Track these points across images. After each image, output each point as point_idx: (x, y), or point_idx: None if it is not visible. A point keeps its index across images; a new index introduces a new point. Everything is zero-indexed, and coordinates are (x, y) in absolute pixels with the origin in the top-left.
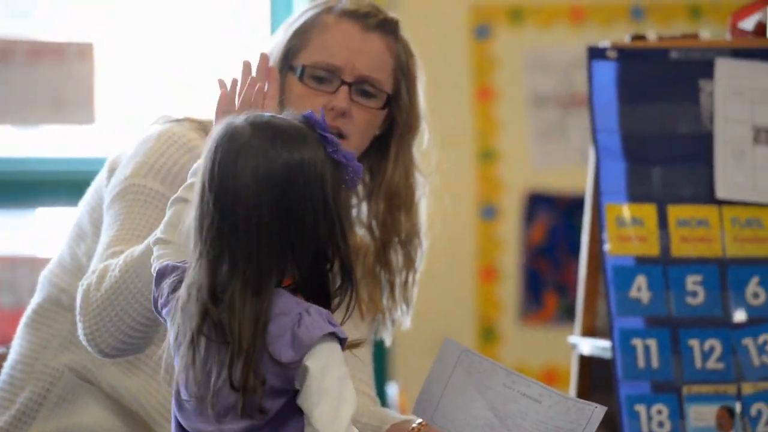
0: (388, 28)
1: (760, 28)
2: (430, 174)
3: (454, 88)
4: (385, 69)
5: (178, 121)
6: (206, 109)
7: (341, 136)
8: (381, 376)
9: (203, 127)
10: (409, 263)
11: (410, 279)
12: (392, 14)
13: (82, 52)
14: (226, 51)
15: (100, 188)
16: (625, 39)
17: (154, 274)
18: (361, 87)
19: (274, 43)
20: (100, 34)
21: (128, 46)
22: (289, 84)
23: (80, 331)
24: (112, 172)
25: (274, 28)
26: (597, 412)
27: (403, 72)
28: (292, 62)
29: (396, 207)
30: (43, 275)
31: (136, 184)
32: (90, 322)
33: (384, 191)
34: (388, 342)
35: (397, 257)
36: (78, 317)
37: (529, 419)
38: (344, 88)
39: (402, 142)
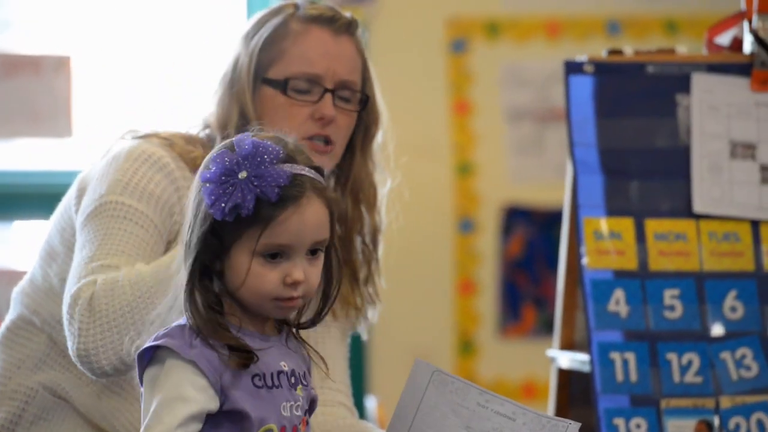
0: (351, 29)
1: (736, 43)
2: (386, 165)
3: (431, 102)
4: (357, 70)
5: (145, 137)
6: (177, 123)
7: (329, 142)
8: (359, 389)
9: (170, 144)
10: (374, 259)
11: (376, 276)
12: (348, 14)
13: (60, 65)
14: (202, 65)
15: (70, 207)
16: (602, 53)
17: None
18: (341, 92)
19: (234, 57)
20: (77, 48)
21: (105, 60)
22: (265, 97)
23: (73, 348)
24: (82, 190)
25: None
26: (571, 428)
27: (366, 70)
28: (266, 75)
29: (359, 202)
30: (16, 292)
31: (112, 201)
32: (92, 338)
33: (350, 189)
34: (364, 336)
35: (361, 253)
36: (76, 333)
37: None
38: (328, 96)
39: (366, 138)
